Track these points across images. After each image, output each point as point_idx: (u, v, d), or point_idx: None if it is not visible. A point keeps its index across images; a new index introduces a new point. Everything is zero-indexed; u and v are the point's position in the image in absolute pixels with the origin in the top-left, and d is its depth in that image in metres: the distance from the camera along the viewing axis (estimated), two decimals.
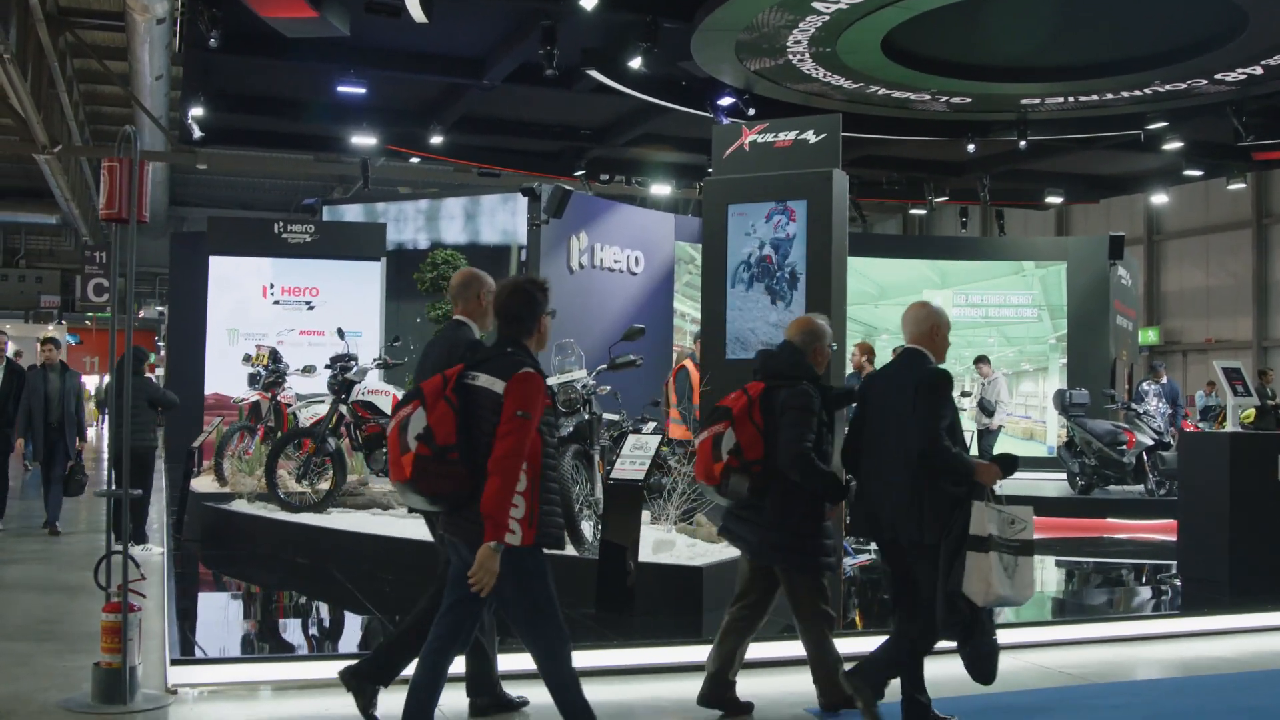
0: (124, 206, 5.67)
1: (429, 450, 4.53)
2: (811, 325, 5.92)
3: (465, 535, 4.62)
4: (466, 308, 5.55)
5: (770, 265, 9.73)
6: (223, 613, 8.44)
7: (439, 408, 4.57)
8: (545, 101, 20.71)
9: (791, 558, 5.63)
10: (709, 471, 5.62)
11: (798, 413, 5.52)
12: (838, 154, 9.78)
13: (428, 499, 4.67)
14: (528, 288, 4.87)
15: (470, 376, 4.68)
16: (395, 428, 4.61)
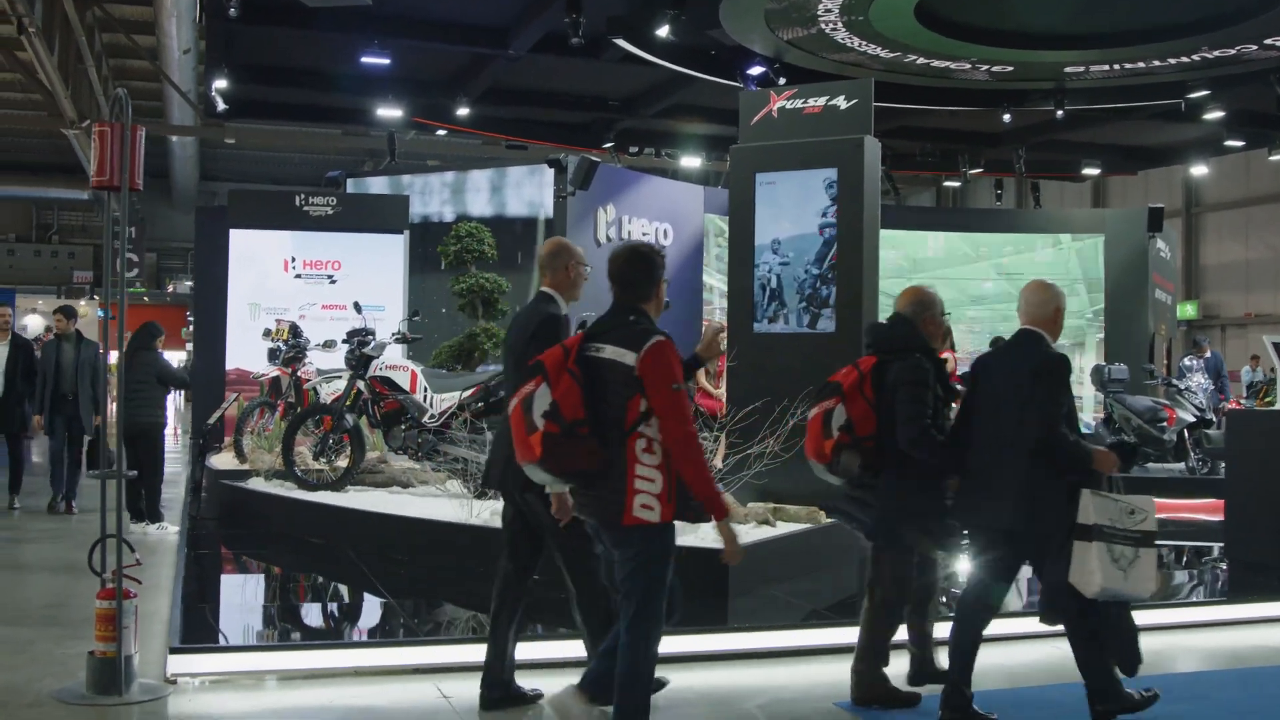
0: (116, 173, 5.38)
1: (557, 427, 4.33)
2: (921, 295, 5.69)
3: (598, 513, 4.48)
4: (555, 279, 5.28)
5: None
6: (231, 597, 8.17)
7: (563, 382, 4.37)
8: (572, 72, 20.41)
9: (894, 541, 5.47)
10: (819, 449, 5.45)
11: (912, 387, 5.33)
12: (869, 120, 9.44)
13: (559, 478, 4.48)
14: (644, 251, 4.71)
15: (593, 348, 4.48)
16: (519, 405, 4.40)
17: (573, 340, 4.54)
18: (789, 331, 9.41)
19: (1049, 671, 6.19)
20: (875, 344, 5.62)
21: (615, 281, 4.66)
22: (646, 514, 4.33)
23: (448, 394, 9.95)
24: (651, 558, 4.43)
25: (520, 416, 4.38)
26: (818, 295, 9.47)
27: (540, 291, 5.33)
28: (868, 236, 9.26)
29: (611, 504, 4.37)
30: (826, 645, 6.54)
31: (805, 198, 9.47)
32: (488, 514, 8.49)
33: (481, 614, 7.26)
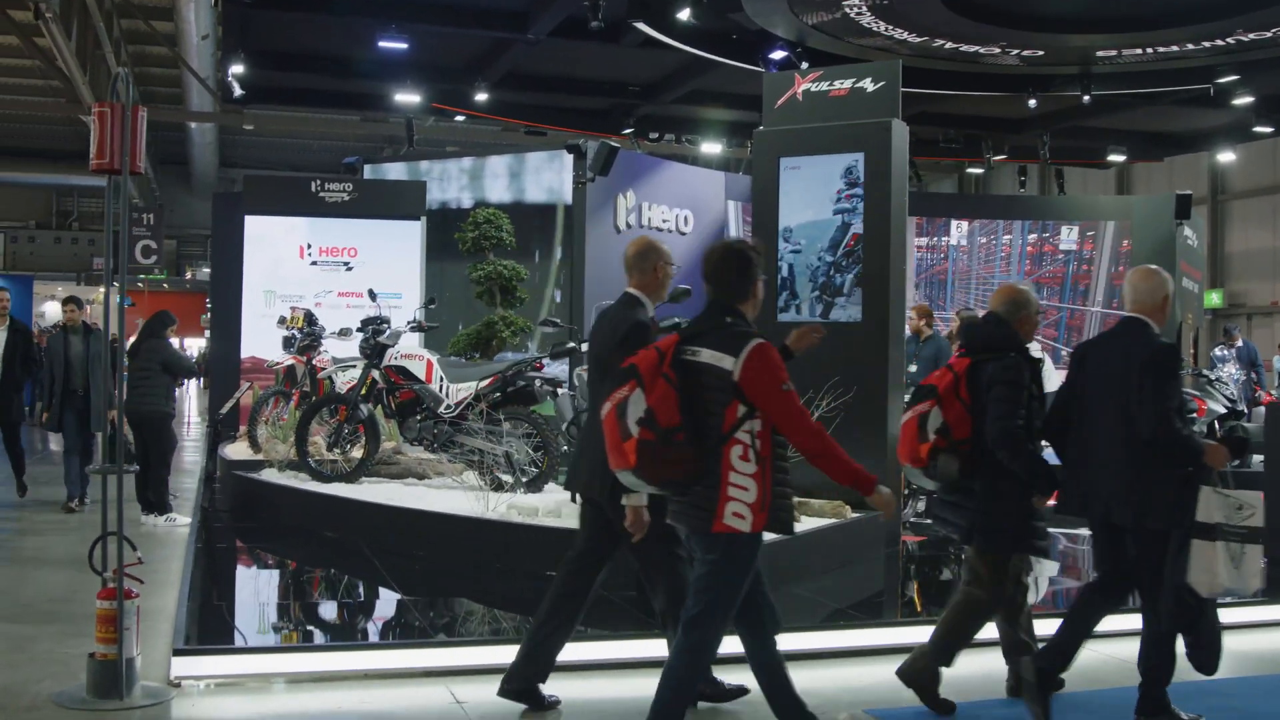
0: (116, 156, 5.16)
1: (653, 434, 4.21)
2: (1016, 294, 5.51)
3: (691, 521, 4.36)
4: (642, 280, 5.13)
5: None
6: (239, 594, 7.93)
7: (658, 387, 4.24)
8: (592, 57, 20.20)
9: (1003, 541, 5.28)
10: (914, 453, 5.31)
11: (1006, 387, 5.17)
12: (897, 103, 9.18)
13: (653, 485, 4.35)
14: (741, 249, 4.53)
15: (689, 351, 4.34)
16: (613, 411, 4.28)
17: (666, 342, 4.39)
18: (807, 321, 9.16)
19: (1085, 675, 5.95)
20: (969, 344, 5.47)
21: (709, 281, 4.52)
22: (737, 522, 4.24)
23: (464, 384, 9.73)
24: (732, 565, 4.35)
25: (614, 422, 4.27)
26: (831, 283, 9.22)
27: (626, 293, 5.16)
28: (895, 223, 9.00)
29: (702, 511, 4.28)
30: (854, 647, 6.32)
31: (822, 183, 9.22)
32: (504, 508, 8.29)
33: (497, 611, 7.07)
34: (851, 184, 9.07)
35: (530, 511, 8.15)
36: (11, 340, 10.69)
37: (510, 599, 7.34)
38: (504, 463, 9.40)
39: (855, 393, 8.69)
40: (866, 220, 8.99)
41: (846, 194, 9.12)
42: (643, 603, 6.79)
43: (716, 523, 4.24)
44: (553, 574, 7.58)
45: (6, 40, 23.31)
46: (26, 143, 33.98)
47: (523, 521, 8.06)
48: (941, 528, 5.60)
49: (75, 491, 10.70)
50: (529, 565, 7.79)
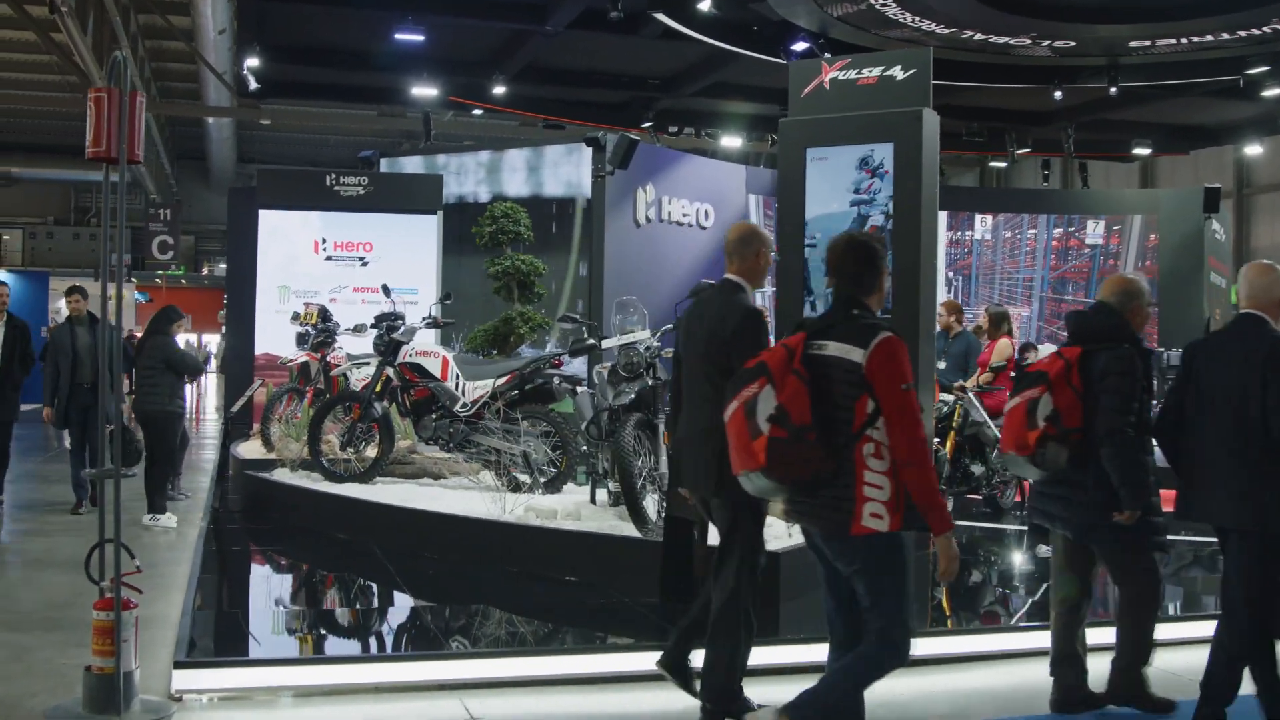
0: (113, 143, 4.90)
1: (785, 432, 4.04)
2: (1129, 284, 5.34)
3: (823, 523, 4.20)
4: (743, 266, 4.93)
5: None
6: (245, 601, 7.64)
7: (789, 384, 4.09)
8: (611, 49, 19.96)
9: (1121, 536, 5.08)
10: (1021, 440, 5.12)
11: (1119, 379, 5.04)
12: (928, 92, 8.86)
13: (786, 487, 4.16)
14: (867, 242, 4.39)
15: (815, 345, 4.19)
16: (740, 409, 4.12)
17: (795, 339, 4.22)
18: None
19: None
20: (1079, 334, 5.30)
21: (835, 274, 4.36)
22: (875, 523, 4.07)
23: (481, 381, 9.47)
24: (883, 568, 4.17)
25: (742, 421, 4.11)
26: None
27: (726, 280, 4.95)
28: (926, 216, 8.68)
29: (838, 513, 4.11)
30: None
31: (846, 174, 8.92)
32: (521, 509, 8.03)
33: (514, 617, 6.81)
34: (872, 173, 8.76)
35: (548, 514, 7.89)
36: (10, 336, 10.23)
37: (527, 605, 7.06)
38: (521, 463, 9.14)
39: None
40: (896, 213, 8.68)
41: (867, 185, 8.81)
42: (671, 614, 6.53)
43: (855, 524, 4.07)
44: (572, 579, 7.39)
45: (23, 36, 23.21)
46: (44, 139, 33.90)
47: (541, 525, 7.79)
48: (1044, 521, 5.41)
49: (82, 494, 10.31)
50: (547, 570, 7.53)
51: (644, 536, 7.25)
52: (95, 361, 10.02)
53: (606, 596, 6.98)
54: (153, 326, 9.85)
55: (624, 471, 7.21)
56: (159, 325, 9.85)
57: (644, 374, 7.75)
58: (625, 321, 8.07)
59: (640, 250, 15.58)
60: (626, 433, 7.33)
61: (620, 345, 7.91)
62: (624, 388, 7.72)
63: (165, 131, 32.39)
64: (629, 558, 7.26)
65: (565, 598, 7.11)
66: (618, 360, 7.89)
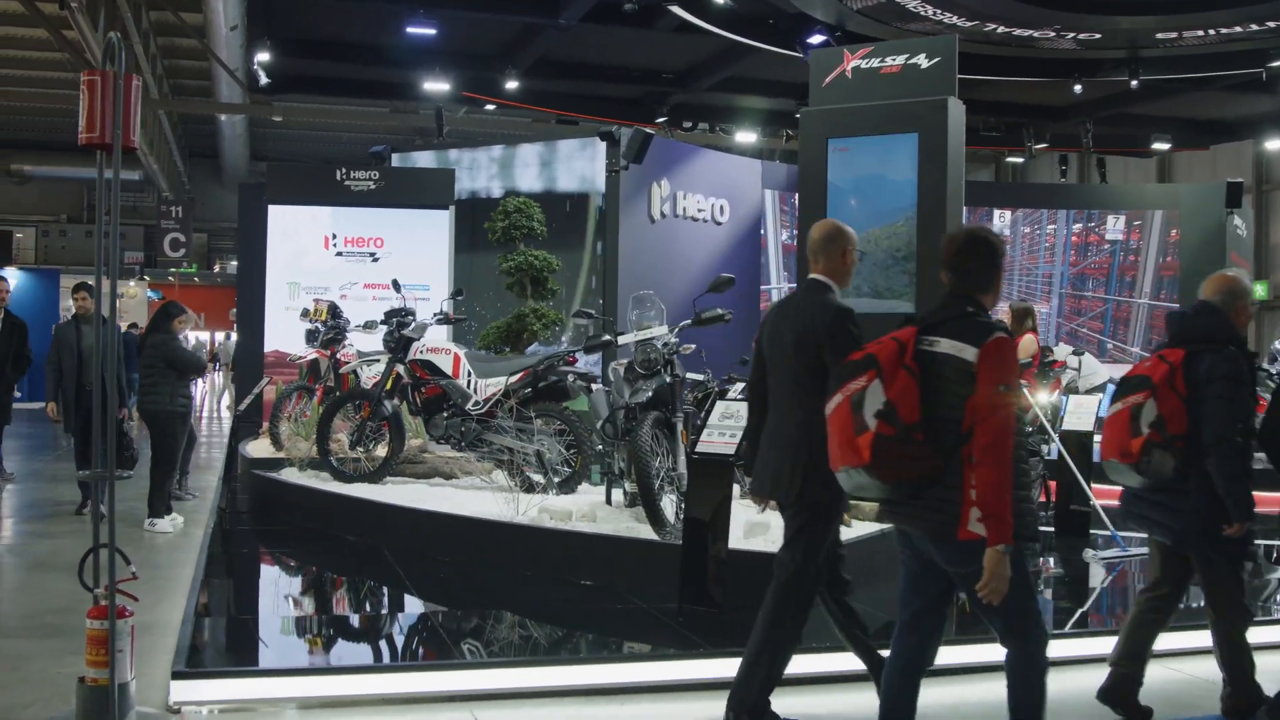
0: (106, 129, 4.66)
1: (892, 429, 3.89)
2: (1233, 283, 5.11)
3: (927, 526, 4.01)
4: (829, 265, 4.77)
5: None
6: (250, 607, 7.32)
7: (899, 379, 3.94)
8: (625, 42, 19.75)
9: (1221, 545, 4.89)
10: (1124, 447, 4.93)
11: (1226, 383, 4.82)
12: (953, 80, 8.63)
13: (889, 486, 3.97)
14: (986, 237, 4.22)
15: (926, 341, 4.03)
16: (845, 403, 3.97)
17: (905, 333, 4.04)
18: (864, 311, 8.59)
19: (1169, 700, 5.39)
20: (1182, 335, 5.06)
21: (950, 269, 4.19)
22: (982, 528, 3.88)
23: (493, 379, 9.23)
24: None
25: (847, 416, 3.95)
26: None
27: (812, 279, 4.79)
28: (951, 208, 8.44)
29: (944, 516, 3.93)
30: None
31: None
32: (534, 511, 7.79)
33: (528, 622, 6.57)
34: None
35: (563, 515, 7.65)
36: (6, 334, 9.93)
37: (541, 610, 6.80)
38: (535, 462, 8.91)
39: None
40: (921, 205, 8.44)
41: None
42: (690, 620, 6.30)
43: (961, 529, 3.90)
44: (588, 583, 7.15)
45: (34, 33, 23.07)
46: (56, 136, 33.78)
47: (555, 527, 7.55)
48: (1145, 529, 5.22)
49: (88, 495, 9.91)
50: (562, 573, 7.29)
51: (662, 539, 7.01)
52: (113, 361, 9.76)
53: (623, 601, 6.73)
54: (152, 324, 9.55)
55: (641, 472, 6.96)
56: (158, 323, 9.52)
57: (661, 371, 7.49)
58: (642, 317, 7.80)
59: (655, 246, 15.36)
60: (644, 432, 7.08)
61: (637, 341, 7.65)
62: (641, 385, 7.46)
63: (178, 129, 32.26)
64: (646, 561, 7.03)
65: (581, 602, 6.86)
66: (634, 357, 7.63)
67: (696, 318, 7.76)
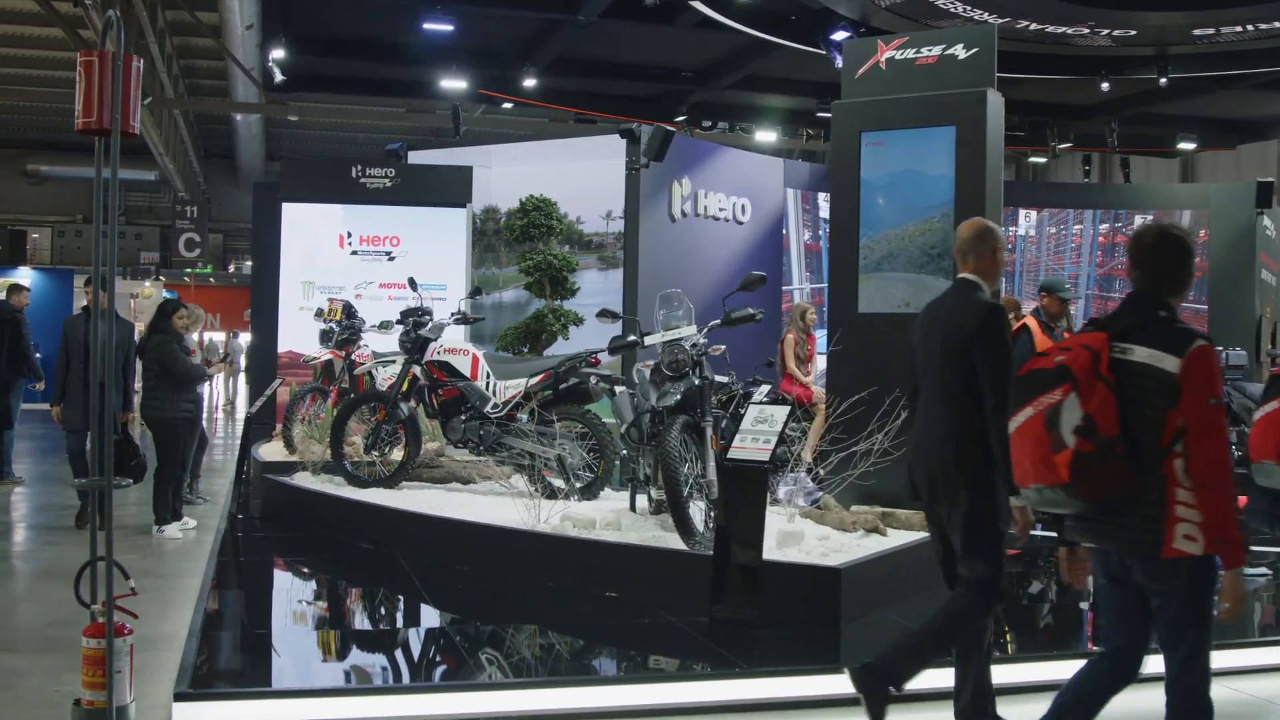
0: (105, 113, 4.36)
1: (1092, 445, 3.66)
2: None
3: (1128, 544, 3.79)
4: (979, 265, 4.63)
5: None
6: (259, 621, 6.90)
7: (1097, 391, 3.70)
8: (645, 39, 19.45)
9: None
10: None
11: None
12: (992, 71, 8.29)
13: (1088, 504, 3.75)
14: (1177, 235, 3.98)
15: (1119, 349, 3.80)
16: (1038, 418, 3.74)
17: (1094, 340, 3.78)
18: (899, 312, 8.28)
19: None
20: None
21: (1141, 268, 3.94)
22: (1189, 545, 3.67)
23: (513, 381, 8.92)
24: (1196, 592, 3.76)
25: (1042, 432, 3.72)
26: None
27: (961, 279, 4.65)
28: (990, 204, 8.09)
29: (1147, 534, 3.71)
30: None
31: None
32: (557, 518, 7.46)
33: (550, 635, 6.26)
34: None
35: (586, 524, 7.33)
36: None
37: (566, 624, 6.48)
38: (556, 467, 8.59)
39: None
40: (958, 201, 8.09)
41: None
42: (723, 636, 5.97)
43: (1166, 547, 3.68)
44: (613, 595, 6.83)
45: (50, 33, 22.96)
46: (72, 136, 33.38)
47: (578, 535, 7.23)
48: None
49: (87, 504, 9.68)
50: (586, 584, 6.96)
51: (691, 549, 6.68)
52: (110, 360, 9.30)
53: (651, 615, 6.41)
54: (152, 325, 9.19)
55: (669, 479, 6.62)
56: (157, 323, 9.16)
57: (690, 373, 7.14)
58: (669, 316, 7.44)
59: (675, 246, 15.05)
60: (672, 436, 6.74)
61: (664, 342, 7.30)
62: (668, 387, 7.11)
63: (194, 129, 32.12)
64: (675, 572, 6.70)
65: (607, 616, 6.52)
66: (661, 358, 7.27)
67: (726, 317, 7.42)
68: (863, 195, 8.44)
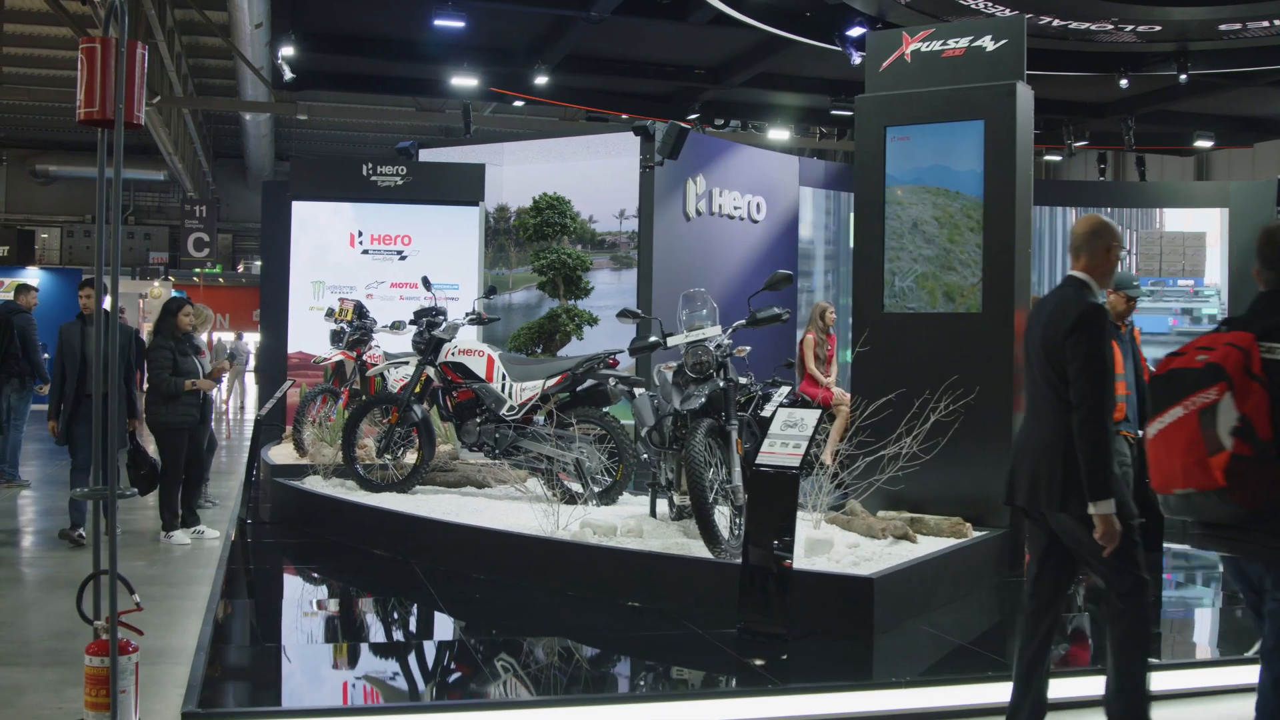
0: (108, 102, 4.14)
1: (1249, 448, 3.51)
2: None
3: (1270, 553, 3.66)
4: (1091, 262, 4.47)
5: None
6: (271, 633, 6.60)
7: (1252, 392, 3.55)
8: (657, 36, 19.22)
9: None
10: None
11: None
12: (1021, 63, 8.05)
13: (1246, 510, 3.58)
14: None
15: (1266, 348, 3.65)
16: (1190, 419, 3.59)
17: (1242, 338, 3.62)
18: (927, 311, 8.04)
19: None
20: None
21: (1271, 267, 3.78)
22: None
23: (529, 382, 8.70)
24: None
25: (1195, 433, 3.58)
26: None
27: (1070, 276, 4.50)
28: (1020, 201, 7.85)
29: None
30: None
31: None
32: (576, 525, 7.24)
33: (569, 645, 6.03)
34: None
35: (607, 530, 7.10)
36: None
37: (586, 634, 6.26)
38: (574, 471, 8.37)
39: (977, 394, 7.55)
40: (988, 197, 7.85)
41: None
42: (752, 649, 5.74)
43: None
44: (636, 604, 6.60)
45: (59, 32, 22.82)
46: (82, 136, 33.51)
47: (598, 543, 6.99)
48: None
49: (80, 519, 8.73)
50: (607, 593, 6.74)
51: (716, 557, 6.45)
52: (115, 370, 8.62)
53: (677, 626, 6.18)
54: (156, 326, 8.92)
55: (694, 484, 6.38)
56: (159, 323, 8.88)
57: (714, 375, 6.90)
58: (693, 316, 7.18)
59: (690, 244, 14.84)
60: (697, 440, 6.50)
61: (688, 343, 7.06)
62: (692, 390, 6.87)
63: (202, 129, 31.96)
64: (699, 581, 6.48)
65: (630, 627, 6.30)
66: (684, 360, 7.03)
67: (752, 317, 7.17)
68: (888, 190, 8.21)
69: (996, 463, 7.63)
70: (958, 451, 7.49)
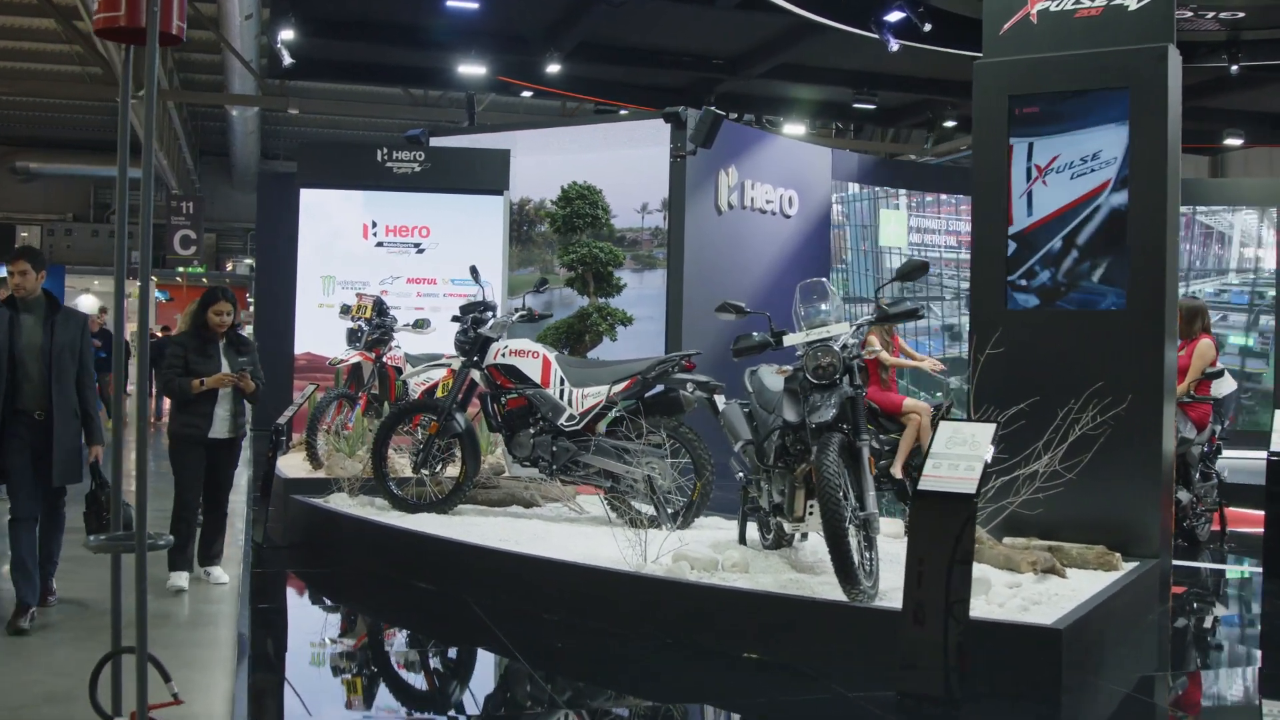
0: (137, 9, 3.02)
1: None
2: None
3: None
4: None
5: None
6: (318, 700, 5.34)
7: None
8: (680, 21, 18.24)
9: None
10: None
11: None
12: (1170, 24, 6.99)
13: None
14: None
15: None
16: None
17: None
18: (1056, 308, 6.98)
19: None
20: None
21: None
22: None
23: (592, 388, 7.58)
24: None
25: None
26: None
27: None
28: (1171, 182, 6.80)
29: None
30: None
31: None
32: (668, 558, 6.10)
33: (688, 713, 4.91)
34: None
35: (708, 564, 5.97)
36: None
37: (703, 695, 5.14)
38: (644, 490, 7.26)
39: (1128, 404, 6.49)
40: (1133, 180, 6.79)
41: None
42: (909, 713, 4.63)
43: None
44: (753, 656, 5.46)
45: (44, 24, 21.76)
46: (65, 133, 32.57)
47: (698, 580, 5.86)
48: None
49: (29, 597, 5.93)
50: (712, 641, 5.62)
51: (853, 601, 5.32)
52: (49, 373, 5.98)
53: (817, 687, 5.07)
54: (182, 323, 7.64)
55: (829, 513, 5.23)
56: (188, 321, 7.28)
57: (840, 380, 5.76)
58: (812, 312, 6.03)
59: (722, 240, 13.83)
60: (829, 459, 5.36)
61: (807, 344, 5.90)
62: (816, 399, 5.69)
63: (187, 125, 30.89)
64: (833, 629, 5.36)
65: (758, 688, 5.13)
66: (803, 362, 5.87)
67: (882, 312, 6.03)
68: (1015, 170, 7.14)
69: (1142, 482, 6.61)
70: (1094, 469, 6.44)
